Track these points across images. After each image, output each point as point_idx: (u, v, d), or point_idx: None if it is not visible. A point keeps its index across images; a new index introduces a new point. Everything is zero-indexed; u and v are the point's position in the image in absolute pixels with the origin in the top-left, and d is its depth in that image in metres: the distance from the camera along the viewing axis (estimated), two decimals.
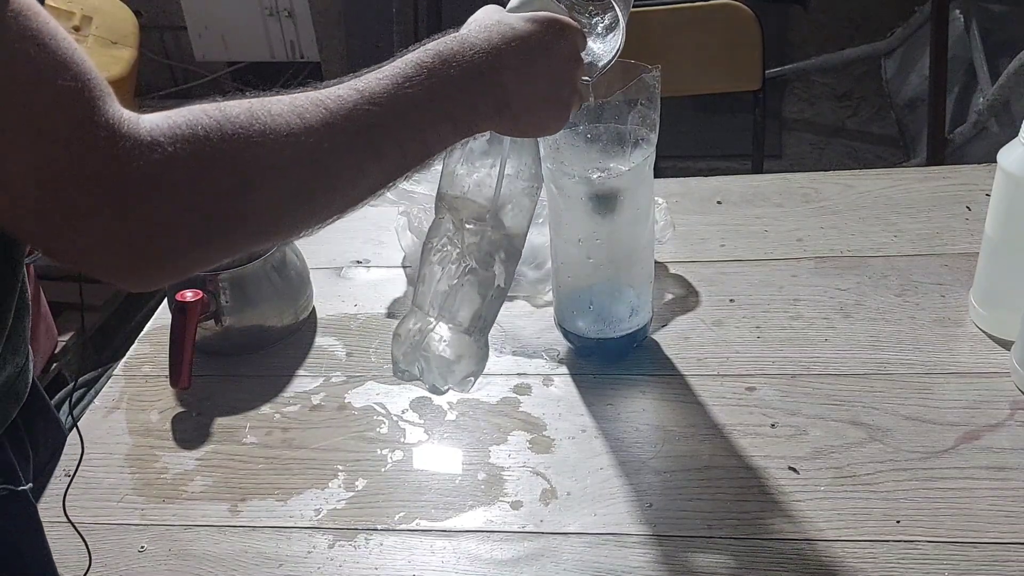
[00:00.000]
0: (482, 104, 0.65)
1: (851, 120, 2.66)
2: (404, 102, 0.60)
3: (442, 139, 0.64)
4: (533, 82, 0.67)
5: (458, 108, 0.64)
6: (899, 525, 0.74)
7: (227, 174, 0.52)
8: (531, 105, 0.68)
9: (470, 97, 0.64)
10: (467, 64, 0.64)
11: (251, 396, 0.95)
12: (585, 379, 0.92)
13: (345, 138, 0.58)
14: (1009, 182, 0.85)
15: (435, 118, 0.63)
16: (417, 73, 0.61)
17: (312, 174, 0.56)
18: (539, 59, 0.67)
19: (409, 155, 0.63)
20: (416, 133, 0.62)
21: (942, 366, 0.89)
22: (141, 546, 0.80)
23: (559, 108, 0.70)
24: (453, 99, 0.63)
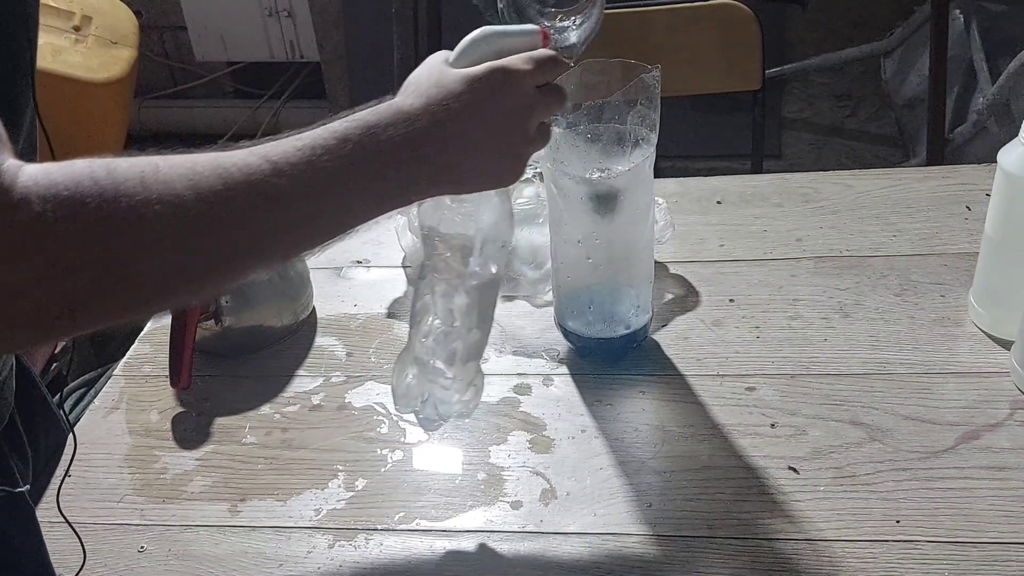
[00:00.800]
0: (416, 175, 0.62)
1: (850, 120, 2.66)
2: (318, 175, 0.57)
3: (364, 212, 0.61)
4: (478, 145, 0.64)
5: (385, 181, 0.60)
6: (899, 525, 0.74)
7: (100, 244, 0.48)
8: (477, 167, 0.65)
9: (401, 170, 0.61)
10: (399, 135, 0.60)
11: (251, 396, 0.95)
12: (585, 379, 0.92)
13: (243, 210, 0.54)
14: (1009, 182, 0.85)
15: (354, 192, 0.59)
16: (339, 145, 0.58)
17: (201, 247, 0.53)
18: (482, 120, 0.63)
19: (322, 228, 0.59)
20: (330, 207, 0.58)
21: (942, 366, 0.89)
22: (141, 546, 0.80)
23: (512, 161, 0.66)
24: (379, 172, 0.60)
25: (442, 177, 0.63)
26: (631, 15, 1.57)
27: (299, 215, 0.57)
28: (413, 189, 0.63)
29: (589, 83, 0.84)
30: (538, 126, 0.67)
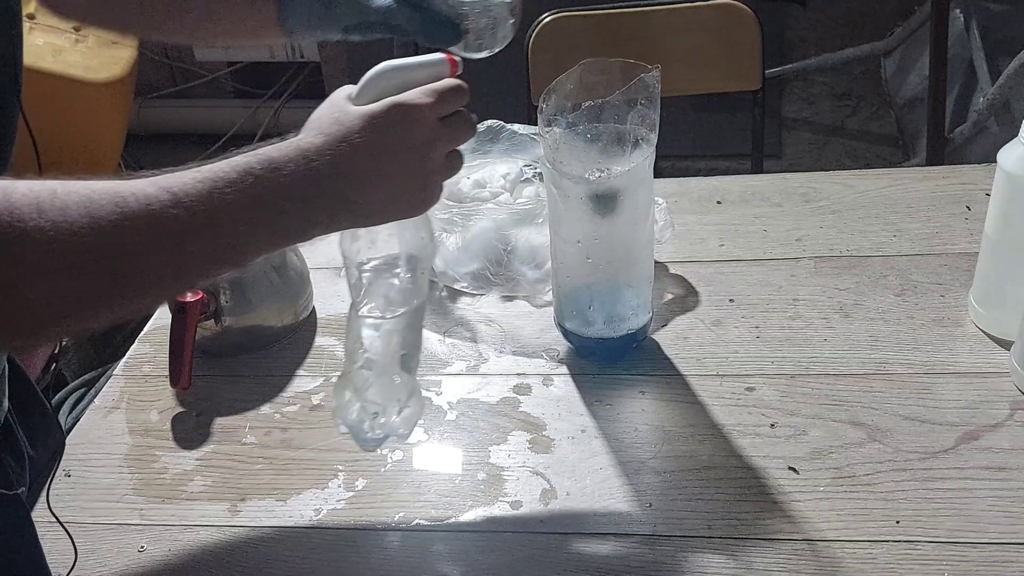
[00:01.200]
0: (317, 211, 0.62)
1: (850, 120, 2.66)
2: (219, 208, 0.57)
3: (265, 246, 0.62)
4: (379, 180, 0.64)
5: (285, 215, 0.61)
6: (899, 525, 0.74)
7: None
8: (381, 201, 0.65)
9: (301, 206, 0.61)
10: (300, 172, 0.60)
11: (251, 396, 0.95)
12: (585, 379, 0.92)
13: (141, 241, 0.55)
14: (1009, 182, 0.85)
15: (255, 226, 0.60)
16: (241, 178, 0.58)
17: (96, 274, 0.54)
18: (382, 155, 0.63)
19: (221, 259, 0.60)
20: (230, 240, 0.59)
21: (942, 366, 0.89)
22: (141, 546, 0.80)
23: (420, 192, 0.66)
24: (280, 207, 0.60)
25: (344, 212, 0.64)
26: (631, 15, 1.57)
27: (197, 247, 0.58)
28: (316, 224, 0.63)
29: (589, 83, 0.84)
30: (448, 154, 0.67)
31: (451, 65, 0.69)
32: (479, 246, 1.04)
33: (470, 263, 1.04)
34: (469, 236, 1.04)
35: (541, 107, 0.83)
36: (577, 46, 1.57)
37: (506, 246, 1.04)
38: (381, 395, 0.76)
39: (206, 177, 0.58)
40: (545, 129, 0.83)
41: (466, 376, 0.95)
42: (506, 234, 1.04)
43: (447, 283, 1.06)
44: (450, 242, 1.05)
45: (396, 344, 0.75)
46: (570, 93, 0.84)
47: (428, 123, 0.65)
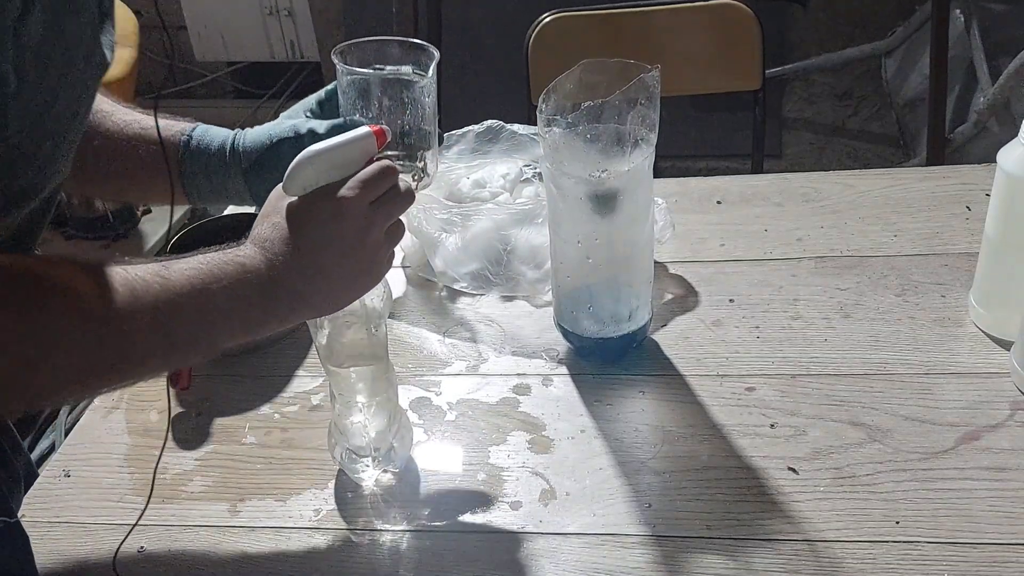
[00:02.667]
0: (275, 308, 0.67)
1: (851, 120, 2.66)
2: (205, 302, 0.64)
3: (234, 338, 0.67)
4: (326, 275, 0.67)
5: (252, 311, 0.66)
6: (898, 526, 0.74)
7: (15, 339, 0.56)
8: (332, 291, 0.68)
9: (262, 302, 0.66)
10: (255, 274, 0.66)
11: (251, 396, 0.95)
12: (585, 379, 0.92)
13: (143, 324, 0.61)
14: (1009, 182, 0.85)
15: (229, 322, 0.65)
16: (221, 276, 0.65)
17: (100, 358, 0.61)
18: (322, 253, 0.67)
19: (200, 349, 0.66)
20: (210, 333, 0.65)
21: (942, 366, 0.89)
22: (140, 546, 0.80)
23: (367, 271, 0.70)
24: (249, 301, 0.65)
25: (302, 306, 0.68)
26: (631, 15, 1.57)
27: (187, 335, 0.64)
28: (278, 317, 0.68)
29: (589, 83, 0.84)
30: (387, 229, 0.70)
31: (378, 136, 0.69)
32: (479, 246, 1.04)
33: (470, 263, 1.04)
34: (469, 236, 1.04)
35: (541, 107, 0.83)
36: (577, 46, 1.57)
37: (506, 246, 1.04)
38: (357, 445, 0.81)
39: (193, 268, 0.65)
40: (545, 129, 0.83)
41: (466, 376, 0.95)
42: (506, 234, 1.04)
43: (447, 283, 1.05)
44: (450, 242, 1.05)
45: (364, 396, 0.79)
46: (570, 93, 0.84)
47: (359, 213, 0.67)
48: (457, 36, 2.49)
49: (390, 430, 0.81)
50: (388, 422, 0.81)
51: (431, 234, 1.05)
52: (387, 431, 0.81)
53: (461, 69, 2.56)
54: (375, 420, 0.80)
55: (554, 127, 0.83)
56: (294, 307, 0.68)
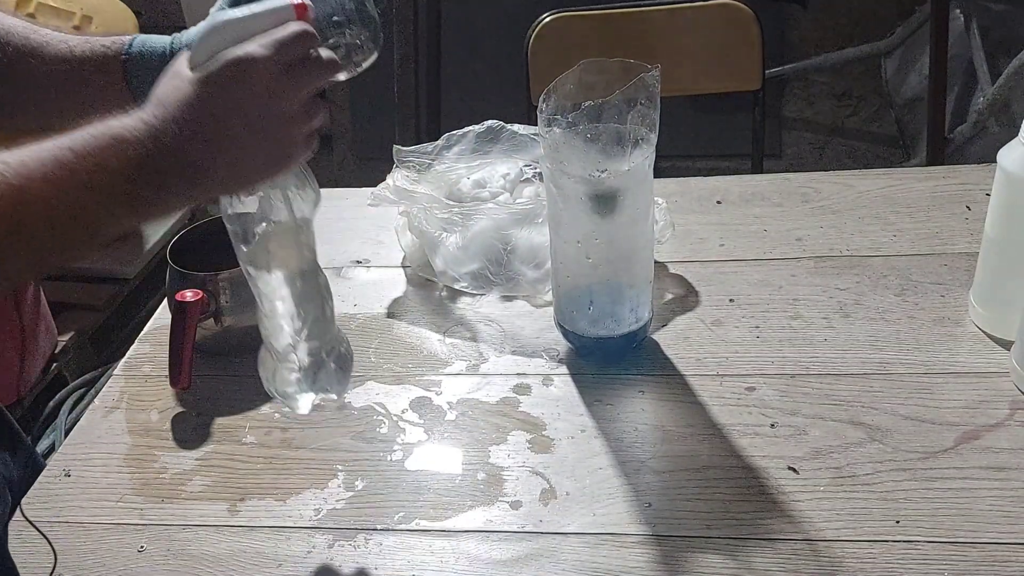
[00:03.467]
0: (172, 184, 0.60)
1: (851, 120, 2.66)
2: (66, 183, 0.57)
3: (123, 220, 0.60)
4: (228, 144, 0.61)
5: (141, 190, 0.59)
6: (898, 525, 0.74)
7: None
8: (237, 165, 0.62)
9: (155, 178, 0.59)
10: (147, 146, 0.59)
11: (251, 396, 0.94)
12: (585, 379, 0.92)
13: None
14: (1009, 182, 0.85)
15: (105, 202, 0.59)
16: (87, 151, 0.58)
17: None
18: (224, 118, 0.60)
19: (74, 237, 0.60)
20: (82, 218, 0.59)
21: (942, 366, 0.89)
22: (140, 546, 0.80)
23: (278, 146, 0.63)
24: (132, 181, 0.59)
25: (202, 181, 0.61)
26: (631, 15, 1.58)
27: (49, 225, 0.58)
28: (175, 196, 0.61)
29: (589, 83, 0.84)
30: (307, 102, 0.63)
31: (297, 10, 0.62)
32: (479, 246, 1.04)
33: (470, 263, 1.04)
34: (469, 236, 1.04)
35: (541, 107, 0.83)
36: (577, 46, 1.57)
37: (506, 246, 1.04)
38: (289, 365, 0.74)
39: (58, 153, 0.57)
40: (545, 129, 0.83)
41: (466, 376, 0.95)
42: (506, 234, 1.04)
43: (447, 283, 1.05)
44: (450, 242, 1.05)
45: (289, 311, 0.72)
46: (570, 93, 0.84)
47: (268, 76, 0.60)
48: (457, 36, 2.49)
49: (324, 349, 0.75)
50: (322, 339, 0.75)
51: (431, 234, 1.05)
52: (321, 349, 0.75)
53: (461, 69, 2.56)
54: (307, 336, 0.74)
55: (554, 127, 0.83)
56: (194, 180, 0.61)
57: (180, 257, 0.98)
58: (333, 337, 0.77)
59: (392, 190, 1.06)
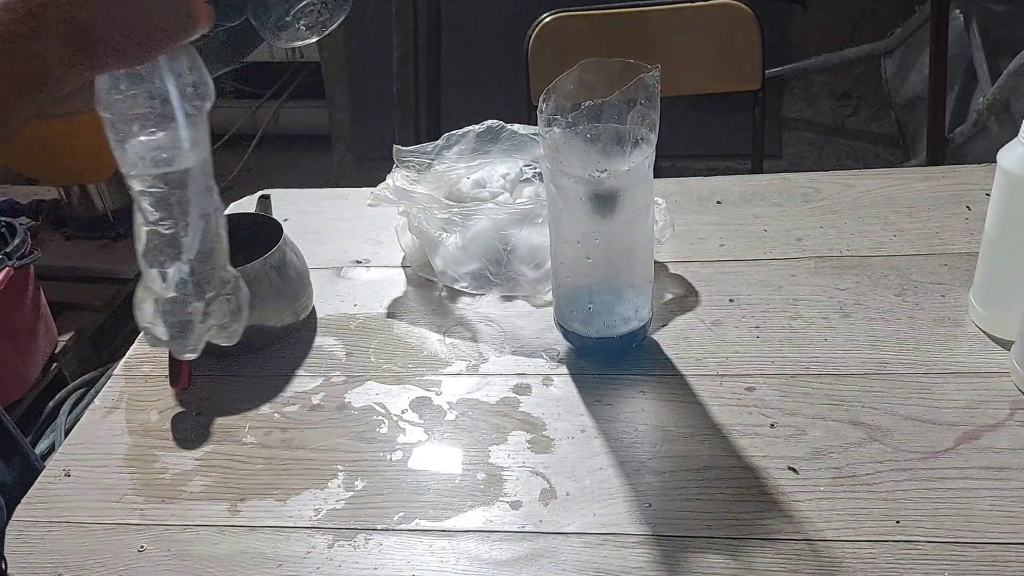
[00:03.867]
0: (47, 45, 0.52)
1: (851, 120, 2.66)
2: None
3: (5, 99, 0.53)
4: (117, 6, 0.54)
5: (13, 57, 0.52)
6: (899, 525, 0.74)
7: None
8: (123, 24, 0.54)
9: (26, 41, 0.52)
10: (14, 5, 0.51)
11: (251, 396, 0.95)
12: (585, 379, 0.92)
13: None
14: (1009, 182, 0.85)
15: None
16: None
17: None
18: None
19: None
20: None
21: (942, 366, 0.89)
22: (140, 546, 0.80)
23: (171, 8, 0.56)
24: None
25: (83, 43, 0.54)
26: (631, 15, 1.58)
27: None
28: (54, 63, 0.53)
29: (589, 83, 0.84)
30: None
31: None
32: (479, 246, 1.04)
33: (470, 263, 1.04)
34: (469, 236, 1.04)
35: (541, 107, 0.83)
36: (577, 46, 1.57)
37: (506, 246, 1.04)
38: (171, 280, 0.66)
39: None
40: (545, 129, 0.83)
41: (466, 376, 0.95)
42: (506, 234, 1.04)
43: (447, 283, 1.06)
44: (450, 242, 1.05)
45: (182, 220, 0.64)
46: (570, 93, 0.84)
47: None
48: (457, 36, 2.49)
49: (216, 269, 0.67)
50: (212, 255, 0.66)
51: (431, 234, 1.05)
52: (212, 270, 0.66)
53: (460, 69, 2.56)
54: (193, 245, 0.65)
55: (554, 127, 0.83)
56: (79, 43, 0.53)
57: None
58: (225, 262, 0.68)
59: (392, 190, 1.06)
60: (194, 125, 0.63)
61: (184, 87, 0.62)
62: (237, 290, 0.70)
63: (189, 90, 0.62)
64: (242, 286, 0.70)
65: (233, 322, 0.70)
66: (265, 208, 1.12)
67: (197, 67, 0.62)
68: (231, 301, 0.69)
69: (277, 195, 1.18)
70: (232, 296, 0.69)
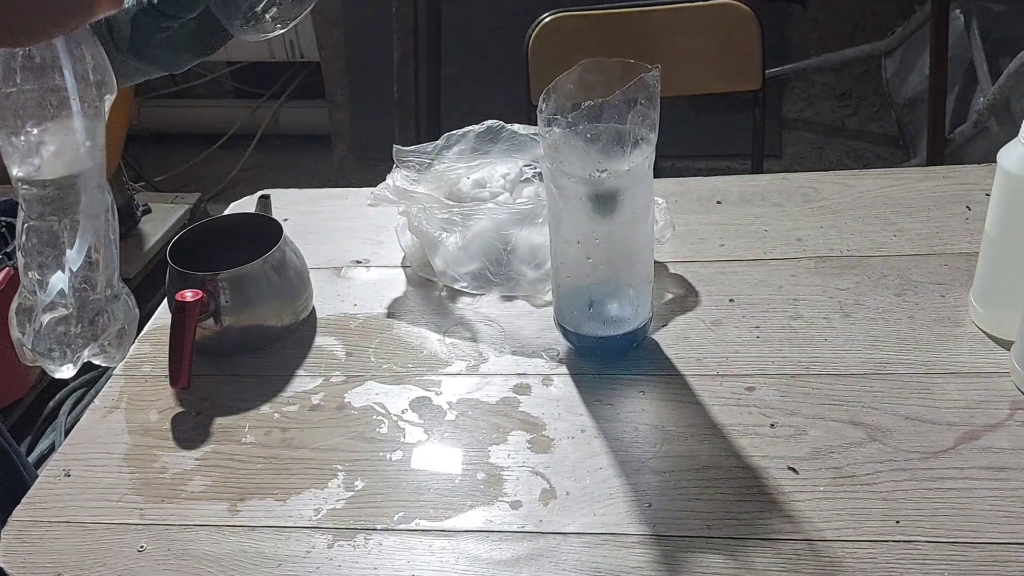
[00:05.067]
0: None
1: (851, 120, 2.66)
2: None
3: None
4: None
5: None
6: (898, 525, 0.74)
7: None
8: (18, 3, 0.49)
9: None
10: None
11: (251, 396, 0.95)
12: (585, 379, 0.92)
13: None
14: (1009, 182, 0.85)
15: None
16: None
17: None
18: None
19: None
20: None
21: (942, 366, 0.89)
22: (140, 546, 0.80)
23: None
24: None
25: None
26: (631, 15, 1.58)
27: None
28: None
29: (589, 83, 0.84)
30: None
31: None
32: (479, 246, 1.04)
33: (470, 263, 1.04)
34: (469, 236, 1.04)
35: (541, 107, 0.83)
36: (577, 46, 1.57)
37: (506, 246, 1.04)
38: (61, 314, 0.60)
39: None
40: (545, 129, 0.83)
41: (466, 376, 0.95)
42: (506, 234, 1.04)
43: (447, 283, 1.06)
44: (450, 242, 1.05)
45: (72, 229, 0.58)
46: (570, 93, 0.84)
47: None
48: (457, 36, 2.49)
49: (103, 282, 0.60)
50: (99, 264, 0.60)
51: (431, 234, 1.05)
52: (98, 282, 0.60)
53: (461, 69, 2.56)
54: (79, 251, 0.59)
55: (554, 127, 0.83)
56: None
57: (180, 257, 0.98)
58: (114, 274, 0.62)
59: (392, 190, 1.06)
60: (91, 119, 0.57)
61: (83, 77, 0.57)
62: (125, 309, 0.63)
63: (89, 80, 0.57)
64: (131, 305, 0.63)
65: (117, 344, 0.63)
66: (265, 208, 1.12)
67: (99, 58, 0.57)
68: (116, 320, 0.63)
69: (277, 195, 1.18)
70: (118, 314, 0.63)
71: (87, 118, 0.57)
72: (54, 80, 0.56)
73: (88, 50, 0.57)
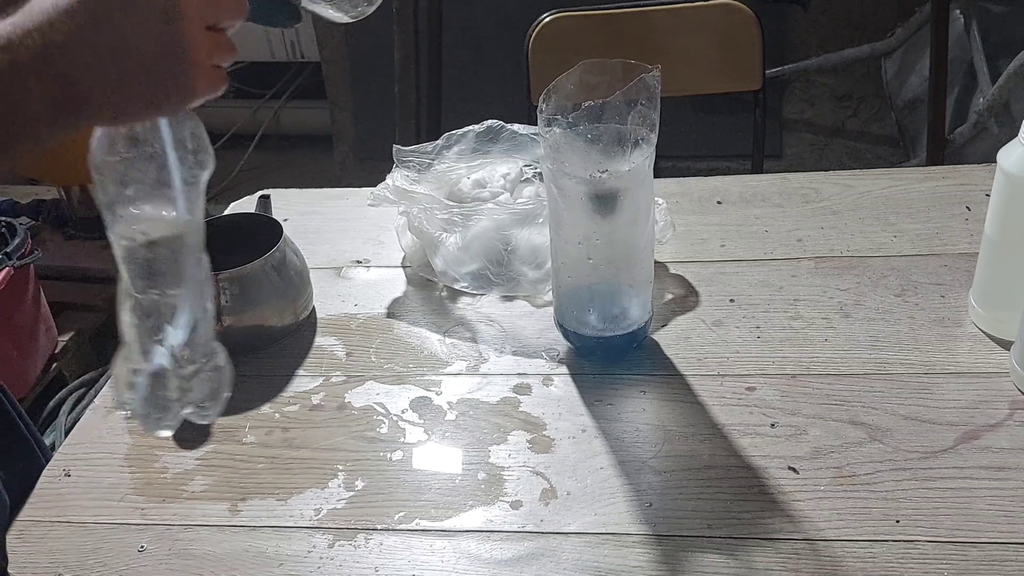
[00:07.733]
0: (30, 101, 0.50)
1: (851, 120, 2.66)
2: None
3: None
4: (112, 58, 0.51)
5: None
6: (898, 525, 0.74)
7: None
8: (119, 86, 0.52)
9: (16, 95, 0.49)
10: (14, 55, 0.49)
11: (251, 396, 0.95)
12: (585, 379, 0.92)
13: None
14: (1009, 182, 0.85)
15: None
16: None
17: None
18: (106, 31, 0.50)
19: None
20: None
21: (941, 366, 0.89)
22: (141, 546, 0.80)
23: (173, 76, 0.53)
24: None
25: (72, 103, 0.51)
26: (631, 15, 1.58)
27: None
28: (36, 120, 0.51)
29: (589, 83, 0.84)
30: (215, 34, 0.55)
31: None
32: (479, 246, 1.04)
33: (470, 263, 1.04)
34: (469, 236, 1.04)
35: (541, 107, 0.83)
36: (577, 46, 1.57)
37: (506, 246, 1.04)
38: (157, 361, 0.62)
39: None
40: (545, 129, 0.83)
41: (466, 376, 0.95)
42: (506, 234, 1.04)
43: (448, 283, 1.06)
44: (451, 242, 1.05)
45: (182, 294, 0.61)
46: (570, 93, 0.84)
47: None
48: (457, 36, 2.49)
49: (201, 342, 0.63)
50: (198, 327, 0.63)
51: (432, 234, 1.05)
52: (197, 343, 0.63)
53: (461, 69, 2.56)
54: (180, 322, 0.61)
55: (554, 127, 0.83)
56: (60, 101, 0.51)
57: None
58: (210, 335, 0.65)
59: (392, 190, 1.06)
60: (191, 194, 0.60)
61: (184, 154, 0.59)
62: (220, 368, 0.66)
63: (189, 158, 0.59)
64: (226, 363, 0.66)
65: (212, 402, 0.66)
66: (265, 208, 1.12)
67: (199, 134, 0.60)
68: (212, 379, 0.65)
69: (277, 195, 1.18)
70: (214, 373, 0.65)
71: (186, 190, 0.59)
72: (154, 151, 0.58)
73: (189, 123, 0.59)
